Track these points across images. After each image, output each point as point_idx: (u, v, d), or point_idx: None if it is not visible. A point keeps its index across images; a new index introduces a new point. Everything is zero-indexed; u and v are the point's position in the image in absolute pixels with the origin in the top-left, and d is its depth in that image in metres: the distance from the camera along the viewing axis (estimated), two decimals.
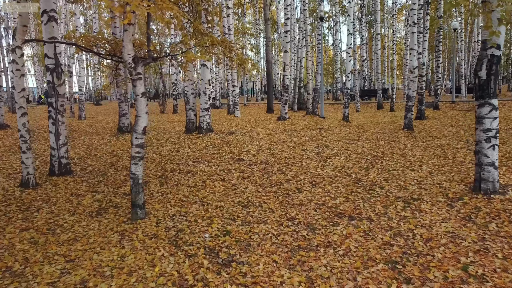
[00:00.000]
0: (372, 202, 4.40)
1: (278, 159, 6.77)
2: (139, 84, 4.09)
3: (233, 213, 4.30)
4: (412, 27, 9.30)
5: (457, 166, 5.73)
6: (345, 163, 6.33)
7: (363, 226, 3.75)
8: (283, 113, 12.77)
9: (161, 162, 6.92)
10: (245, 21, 37.94)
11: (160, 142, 8.72)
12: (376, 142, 8.20)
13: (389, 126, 11.17)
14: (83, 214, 4.53)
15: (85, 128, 12.58)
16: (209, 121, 9.36)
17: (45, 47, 6.22)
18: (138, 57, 4.08)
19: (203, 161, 6.81)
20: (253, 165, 6.46)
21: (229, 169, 6.25)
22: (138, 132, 4.13)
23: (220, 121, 13.37)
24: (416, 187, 4.81)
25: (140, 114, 4.13)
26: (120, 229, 3.98)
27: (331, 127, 10.80)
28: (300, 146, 7.76)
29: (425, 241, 3.30)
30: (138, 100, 4.11)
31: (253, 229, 3.82)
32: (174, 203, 4.74)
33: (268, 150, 7.50)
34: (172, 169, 6.39)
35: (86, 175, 6.33)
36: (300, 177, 5.62)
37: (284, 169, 6.09)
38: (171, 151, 7.73)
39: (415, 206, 4.17)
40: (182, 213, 4.37)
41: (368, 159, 6.55)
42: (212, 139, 8.83)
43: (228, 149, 7.67)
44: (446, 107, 17.96)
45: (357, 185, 5.09)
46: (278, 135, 9.21)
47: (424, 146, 7.67)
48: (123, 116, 10.23)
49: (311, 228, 3.79)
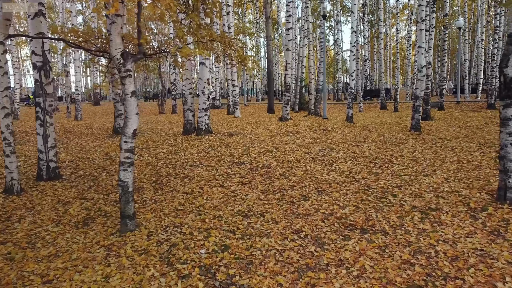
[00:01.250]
0: (386, 212, 4.00)
1: (281, 162, 6.38)
2: (129, 82, 3.70)
3: (233, 224, 3.90)
4: (420, 24, 8.91)
5: (474, 171, 5.33)
6: (353, 167, 5.94)
7: (378, 241, 3.35)
8: (285, 113, 12.37)
9: (156, 165, 6.52)
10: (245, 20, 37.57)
11: (156, 144, 8.33)
12: (383, 144, 7.80)
13: (395, 127, 10.78)
14: (68, 224, 4.13)
15: (80, 129, 12.19)
16: (207, 122, 8.97)
17: (32, 44, 5.82)
18: (128, 52, 3.68)
19: (201, 165, 6.42)
20: (254, 169, 6.07)
21: (228, 173, 5.86)
22: (128, 135, 3.74)
23: (219, 122, 12.97)
24: (433, 195, 4.41)
25: (130, 115, 3.74)
26: (107, 242, 3.59)
27: (335, 128, 10.41)
28: (304, 149, 7.36)
29: (450, 261, 2.90)
30: (128, 100, 3.71)
31: (254, 243, 3.43)
32: (168, 212, 4.34)
33: (270, 153, 7.10)
34: (168, 173, 5.99)
35: (76, 180, 5.93)
36: (304, 183, 5.22)
37: (288, 174, 5.70)
38: (167, 154, 7.34)
39: (434, 217, 3.77)
40: (176, 224, 3.98)
41: (377, 163, 6.15)
42: (211, 141, 8.43)
43: (228, 152, 7.28)
44: (451, 108, 17.58)
45: (367, 192, 4.69)
46: (280, 137, 8.82)
47: (435, 148, 7.27)
48: (118, 116, 9.83)
49: (319, 243, 3.39)
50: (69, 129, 12.27)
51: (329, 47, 40.53)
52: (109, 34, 3.67)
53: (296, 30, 20.54)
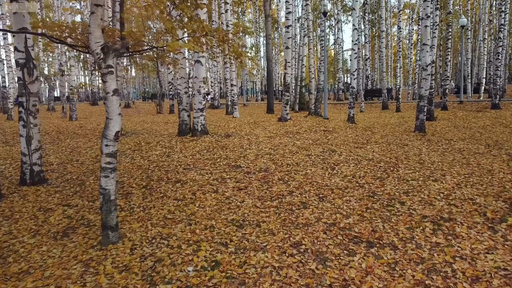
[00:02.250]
0: (393, 222, 3.65)
1: (280, 166, 6.03)
2: (110, 79, 3.34)
3: (226, 236, 3.55)
4: (424, 20, 8.55)
5: (487, 176, 4.97)
6: (356, 171, 5.58)
7: (386, 257, 3.00)
8: (284, 113, 12.02)
9: (148, 169, 6.17)
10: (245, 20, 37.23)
11: (149, 146, 7.97)
12: (387, 146, 7.45)
13: (398, 128, 10.43)
14: (46, 235, 3.78)
15: (74, 130, 11.84)
16: (203, 122, 8.61)
17: (15, 39, 5.47)
18: (109, 46, 3.33)
19: (195, 168, 6.07)
20: (251, 173, 5.71)
21: (223, 178, 5.50)
22: (109, 138, 3.39)
23: (217, 122, 12.62)
24: (444, 202, 4.06)
25: (111, 116, 3.38)
26: (85, 257, 3.23)
27: (336, 129, 10.05)
28: (304, 151, 7.01)
29: (471, 282, 2.55)
30: (109, 99, 3.36)
31: (249, 259, 3.07)
32: (156, 222, 3.99)
33: (268, 155, 6.75)
34: (159, 177, 5.64)
35: (61, 184, 5.58)
36: (304, 188, 4.87)
37: (287, 178, 5.35)
38: (160, 156, 6.99)
39: (448, 228, 3.41)
40: (164, 235, 3.62)
41: (382, 166, 5.80)
42: (207, 142, 8.08)
43: (224, 154, 6.93)
44: (454, 108, 17.24)
45: (373, 199, 4.33)
46: (279, 138, 8.46)
47: (441, 150, 6.92)
48: None
49: (321, 259, 3.04)
50: (62, 130, 11.92)
51: (329, 47, 40.18)
52: (89, 26, 3.32)
53: (296, 29, 20.17)
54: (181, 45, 3.57)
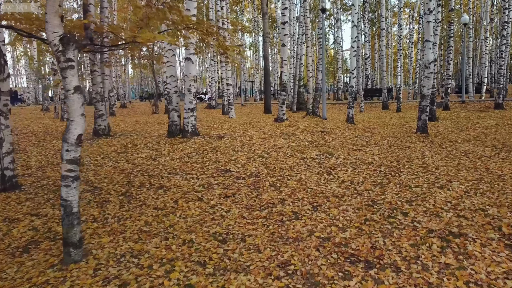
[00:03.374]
0: (395, 237, 3.22)
1: (272, 170, 5.59)
2: (71, 75, 2.91)
3: (205, 253, 3.12)
4: (427, 15, 8.12)
5: (498, 182, 4.54)
6: (354, 176, 5.15)
7: (388, 281, 2.57)
8: (281, 114, 11.58)
9: (130, 173, 5.74)
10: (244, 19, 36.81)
11: (136, 148, 7.54)
12: (388, 148, 7.02)
13: (399, 128, 10.00)
14: (4, 251, 3.35)
15: (62, 130, 11.39)
16: (194, 123, 8.18)
17: None
18: (69, 37, 2.90)
19: (181, 173, 5.64)
20: (241, 178, 5.28)
21: (210, 183, 5.07)
22: (71, 142, 2.96)
23: (211, 123, 12.19)
24: (452, 214, 3.63)
25: (72, 117, 2.95)
26: (41, 279, 2.81)
27: (334, 130, 9.62)
28: (299, 154, 6.58)
29: None
30: (69, 97, 2.93)
31: (228, 282, 2.65)
32: (130, 235, 3.56)
33: (260, 158, 6.32)
34: (141, 183, 5.21)
35: (35, 190, 5.15)
36: (297, 196, 4.44)
37: (279, 184, 4.92)
38: (146, 160, 6.56)
39: (458, 246, 2.98)
40: (135, 252, 3.19)
41: (382, 171, 5.37)
42: (197, 144, 7.65)
43: (214, 157, 6.50)
44: (456, 107, 16.82)
45: (372, 209, 3.90)
46: (273, 140, 8.03)
47: (445, 153, 6.49)
48: (99, 117, 9.06)
49: (311, 283, 2.61)
50: (50, 131, 11.50)
51: (329, 46, 39.73)
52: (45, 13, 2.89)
53: (295, 27, 19.74)
54: (154, 36, 3.14)
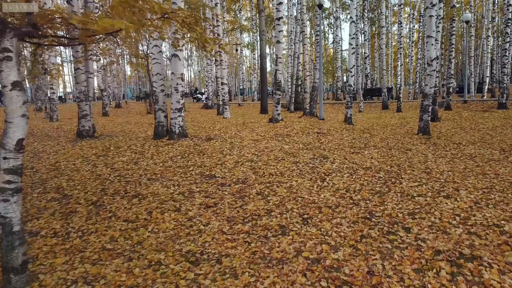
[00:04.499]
0: (397, 260, 2.74)
1: (261, 176, 5.12)
2: (7, 68, 2.43)
3: (172, 278, 2.65)
4: (429, 9, 7.63)
5: (510, 191, 4.06)
6: (350, 183, 4.67)
7: None
8: (276, 114, 11.09)
9: (107, 179, 5.26)
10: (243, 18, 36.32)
11: (119, 151, 7.06)
12: (388, 151, 6.54)
13: (400, 129, 9.52)
14: None
15: (48, 132, 10.93)
16: (182, 124, 7.69)
17: None
18: (5, 22, 2.43)
19: (162, 179, 5.16)
20: (226, 184, 4.81)
21: (191, 191, 4.59)
22: (9, 149, 2.48)
23: (203, 123, 11.72)
24: (462, 230, 3.15)
25: (11, 118, 2.47)
26: None
27: (331, 131, 9.15)
28: (291, 157, 6.10)
29: None
30: (7, 95, 2.45)
31: None
32: (89, 254, 3.08)
33: (249, 162, 5.84)
34: (116, 190, 4.73)
35: None
36: (286, 206, 3.96)
37: (266, 193, 4.44)
38: (126, 163, 6.08)
39: (472, 272, 2.50)
40: (89, 278, 2.72)
41: (381, 177, 4.89)
42: (184, 146, 7.17)
43: (200, 161, 6.02)
44: (458, 107, 16.34)
45: (369, 223, 3.42)
46: (266, 142, 7.55)
47: (450, 157, 6.01)
48: (83, 118, 8.58)
49: None
50: (36, 132, 11.01)
51: (328, 46, 39.21)
52: None
53: (292, 26, 19.24)
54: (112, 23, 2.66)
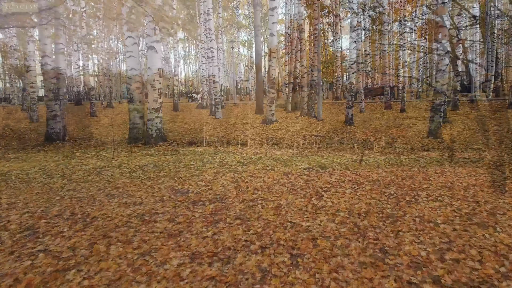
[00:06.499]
0: None
1: (243, 191, 4.17)
2: None
3: None
4: None
5: None
6: (353, 202, 3.73)
7: None
8: (269, 114, 10.14)
9: (56, 194, 4.31)
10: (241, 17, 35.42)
11: (85, 157, 6.11)
12: (397, 158, 5.59)
13: (407, 131, 8.58)
14: None
15: (20, 134, 9.98)
16: (159, 126, 6.74)
17: None
18: None
19: (123, 194, 4.21)
20: (199, 203, 3.86)
21: (154, 213, 3.65)
22: None
23: (192, 124, 10.78)
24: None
25: None
26: None
27: (331, 134, 8.20)
28: (282, 167, 5.15)
29: None
30: None
31: None
32: None
33: (232, 173, 4.90)
34: (61, 211, 3.78)
35: None
36: (271, 237, 3.02)
37: (248, 215, 3.49)
38: (88, 174, 5.13)
39: None
40: None
41: (392, 193, 3.94)
42: (161, 152, 6.22)
43: (174, 171, 5.08)
44: (465, 107, 15.40)
45: (382, 270, 2.48)
46: (254, 147, 6.60)
47: (471, 166, 5.07)
48: (52, 119, 7.62)
49: None
50: (8, 134, 10.07)
51: (328, 45, 38.24)
52: None
53: (288, 21, 18.28)
54: None
